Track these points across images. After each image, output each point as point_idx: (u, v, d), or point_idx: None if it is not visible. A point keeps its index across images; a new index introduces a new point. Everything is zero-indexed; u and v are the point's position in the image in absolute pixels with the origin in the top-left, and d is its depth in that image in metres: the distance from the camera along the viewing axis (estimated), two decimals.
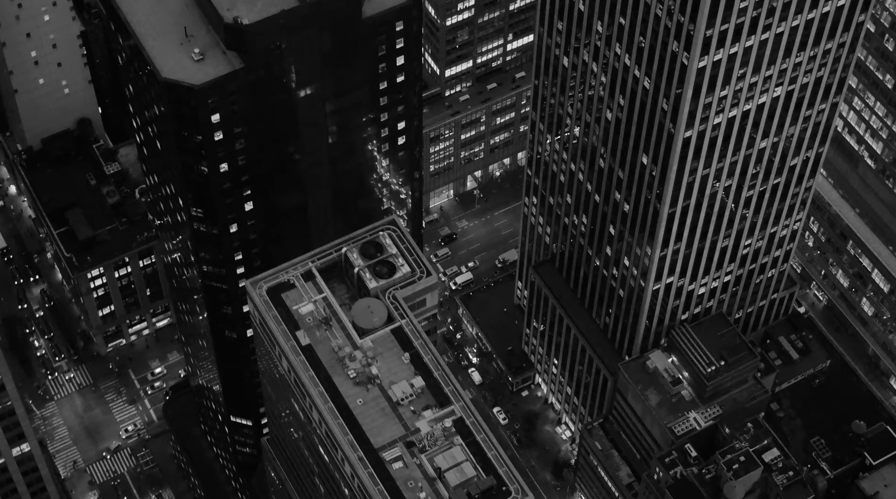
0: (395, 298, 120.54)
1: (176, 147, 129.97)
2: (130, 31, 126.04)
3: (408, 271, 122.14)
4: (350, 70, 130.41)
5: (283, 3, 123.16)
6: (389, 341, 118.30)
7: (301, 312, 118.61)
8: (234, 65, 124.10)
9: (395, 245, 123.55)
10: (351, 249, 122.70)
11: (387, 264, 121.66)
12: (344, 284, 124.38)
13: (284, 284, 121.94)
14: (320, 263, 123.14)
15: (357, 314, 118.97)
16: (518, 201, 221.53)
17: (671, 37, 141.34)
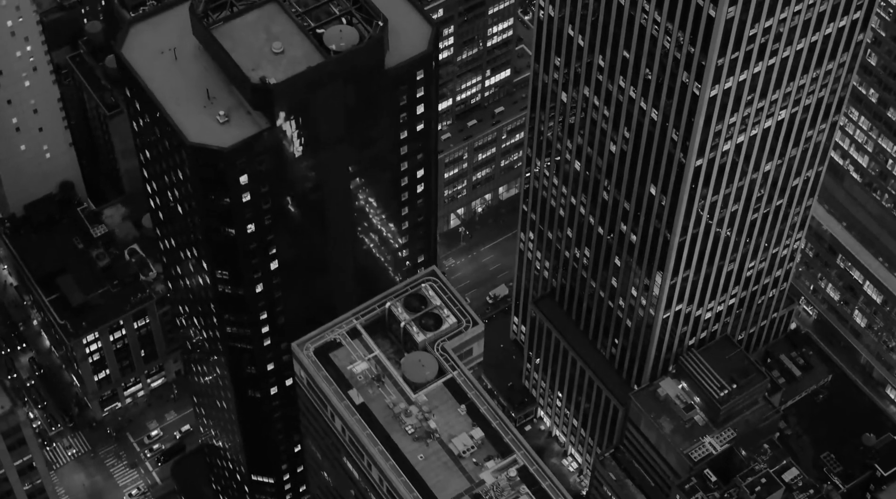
0: (444, 349, 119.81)
1: (202, 210, 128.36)
2: (151, 97, 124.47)
3: (454, 322, 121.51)
4: (372, 122, 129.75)
5: (308, 60, 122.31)
6: (443, 394, 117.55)
7: (355, 371, 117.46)
8: (261, 124, 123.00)
9: (438, 296, 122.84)
10: (395, 304, 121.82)
11: (433, 316, 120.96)
12: (388, 338, 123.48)
13: (331, 343, 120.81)
14: (364, 320, 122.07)
15: (408, 369, 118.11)
16: (503, 236, 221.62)
17: (680, 68, 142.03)
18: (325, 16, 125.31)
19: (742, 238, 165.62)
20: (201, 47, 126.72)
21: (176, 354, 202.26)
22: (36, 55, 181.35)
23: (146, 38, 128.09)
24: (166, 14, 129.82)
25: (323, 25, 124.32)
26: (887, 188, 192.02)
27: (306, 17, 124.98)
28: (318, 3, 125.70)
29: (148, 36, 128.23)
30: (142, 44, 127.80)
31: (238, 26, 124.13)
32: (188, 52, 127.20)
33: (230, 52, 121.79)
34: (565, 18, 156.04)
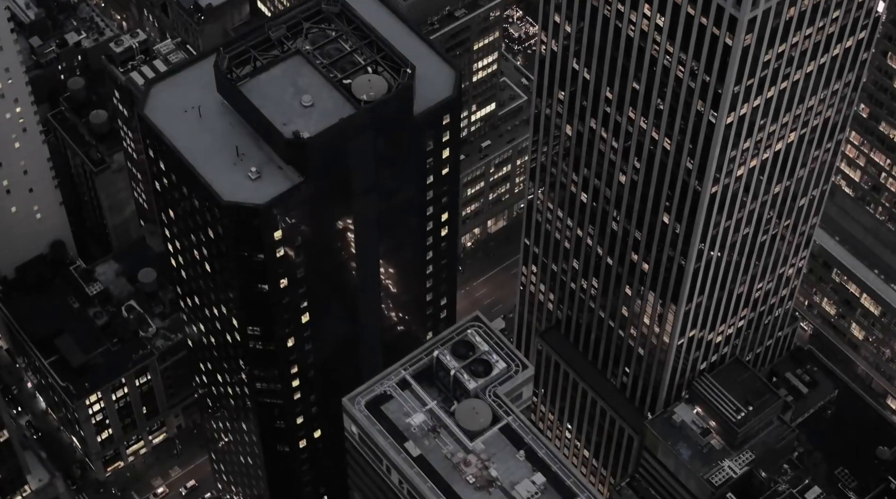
0: (496, 395, 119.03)
1: (235, 268, 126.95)
2: (179, 157, 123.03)
3: (504, 367, 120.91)
4: (401, 169, 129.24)
5: (339, 111, 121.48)
6: (500, 441, 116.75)
7: (413, 423, 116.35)
8: (293, 179, 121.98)
9: (485, 341, 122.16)
10: (442, 352, 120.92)
11: (482, 363, 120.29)
12: (435, 387, 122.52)
13: (381, 395, 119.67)
14: (413, 370, 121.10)
15: (463, 417, 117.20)
16: (495, 269, 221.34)
17: (695, 97, 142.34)
18: (350, 66, 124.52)
19: (752, 260, 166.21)
20: (226, 104, 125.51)
21: (177, 408, 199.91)
22: (25, 116, 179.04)
23: (168, 97, 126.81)
24: (186, 72, 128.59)
25: (350, 76, 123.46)
26: (881, 201, 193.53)
27: (332, 69, 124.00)
28: (342, 53, 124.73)
29: (169, 95, 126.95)
30: (164, 104, 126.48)
31: (265, 81, 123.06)
32: (212, 110, 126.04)
33: (260, 108, 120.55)
34: (570, 53, 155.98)
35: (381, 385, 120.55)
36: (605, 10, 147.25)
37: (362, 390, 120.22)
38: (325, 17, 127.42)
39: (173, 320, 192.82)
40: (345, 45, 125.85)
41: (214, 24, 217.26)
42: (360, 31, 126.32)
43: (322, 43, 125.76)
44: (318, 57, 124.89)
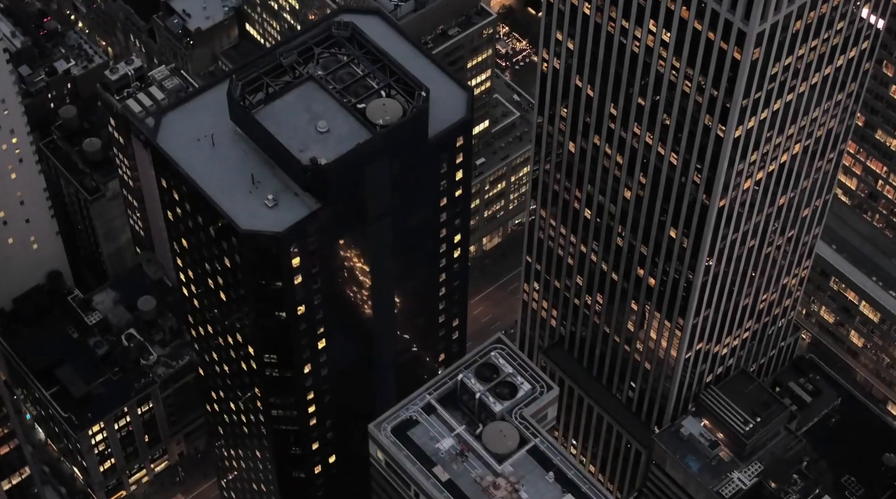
0: (522, 417, 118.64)
1: (253, 296, 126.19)
2: (194, 186, 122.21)
3: (529, 388, 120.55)
4: (416, 192, 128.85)
5: (355, 137, 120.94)
6: (529, 463, 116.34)
7: (442, 448, 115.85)
8: (311, 205, 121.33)
9: (509, 363, 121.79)
10: (467, 375, 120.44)
11: (507, 385, 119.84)
12: (459, 410, 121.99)
13: (407, 421, 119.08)
14: (437, 395, 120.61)
15: (490, 440, 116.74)
16: (491, 287, 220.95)
17: (702, 111, 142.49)
18: (364, 90, 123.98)
19: (757, 272, 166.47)
20: (239, 131, 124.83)
21: (179, 435, 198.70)
22: (22, 146, 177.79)
23: (179, 126, 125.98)
24: (196, 101, 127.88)
25: (363, 100, 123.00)
26: (878, 208, 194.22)
27: (345, 94, 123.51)
28: (355, 78, 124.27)
29: (181, 125, 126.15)
30: (176, 133, 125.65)
31: (279, 108, 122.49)
32: (225, 138, 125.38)
33: (275, 135, 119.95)
34: (572, 70, 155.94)
35: (406, 410, 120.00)
36: (609, 27, 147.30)
37: (388, 416, 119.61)
38: (336, 41, 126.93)
39: (173, 347, 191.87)
40: (357, 69, 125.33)
41: (203, 48, 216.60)
42: (371, 55, 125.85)
43: (334, 68, 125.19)
44: (332, 82, 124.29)
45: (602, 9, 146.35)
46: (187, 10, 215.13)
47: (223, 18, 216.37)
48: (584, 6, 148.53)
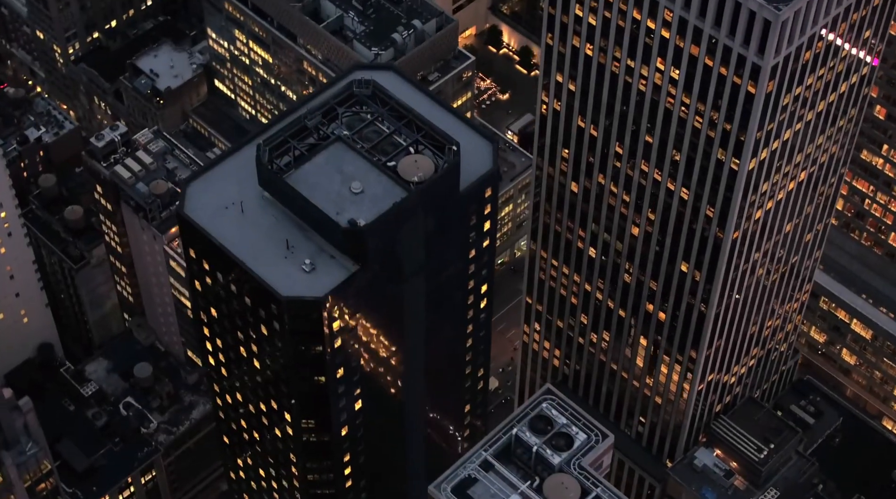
0: (581, 467, 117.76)
1: (292, 362, 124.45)
2: (228, 255, 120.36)
3: (584, 438, 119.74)
4: (447, 246, 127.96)
5: (390, 196, 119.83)
6: None
7: None
8: (349, 268, 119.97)
9: (562, 413, 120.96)
10: (521, 429, 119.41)
11: (562, 436, 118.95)
12: (514, 464, 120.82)
13: (466, 480, 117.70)
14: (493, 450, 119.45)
15: (552, 494, 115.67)
16: None
17: (715, 145, 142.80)
18: (392, 148, 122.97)
19: (765, 299, 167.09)
20: (267, 196, 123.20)
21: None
22: (10, 220, 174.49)
23: (205, 195, 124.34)
24: (219, 169, 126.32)
25: (393, 158, 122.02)
26: (866, 227, 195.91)
27: (374, 152, 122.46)
28: (382, 136, 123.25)
29: (207, 193, 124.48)
30: (203, 202, 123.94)
31: (310, 171, 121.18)
32: (253, 204, 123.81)
33: (310, 199, 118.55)
34: (574, 111, 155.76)
35: (464, 469, 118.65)
36: (613, 67, 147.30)
37: (446, 476, 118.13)
38: (359, 99, 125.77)
39: (172, 413, 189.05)
40: (383, 126, 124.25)
41: (174, 107, 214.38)
42: (395, 111, 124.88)
43: (360, 127, 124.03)
44: (359, 141, 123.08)
45: (606, 49, 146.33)
46: (155, 69, 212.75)
47: (192, 76, 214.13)
48: (587, 48, 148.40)
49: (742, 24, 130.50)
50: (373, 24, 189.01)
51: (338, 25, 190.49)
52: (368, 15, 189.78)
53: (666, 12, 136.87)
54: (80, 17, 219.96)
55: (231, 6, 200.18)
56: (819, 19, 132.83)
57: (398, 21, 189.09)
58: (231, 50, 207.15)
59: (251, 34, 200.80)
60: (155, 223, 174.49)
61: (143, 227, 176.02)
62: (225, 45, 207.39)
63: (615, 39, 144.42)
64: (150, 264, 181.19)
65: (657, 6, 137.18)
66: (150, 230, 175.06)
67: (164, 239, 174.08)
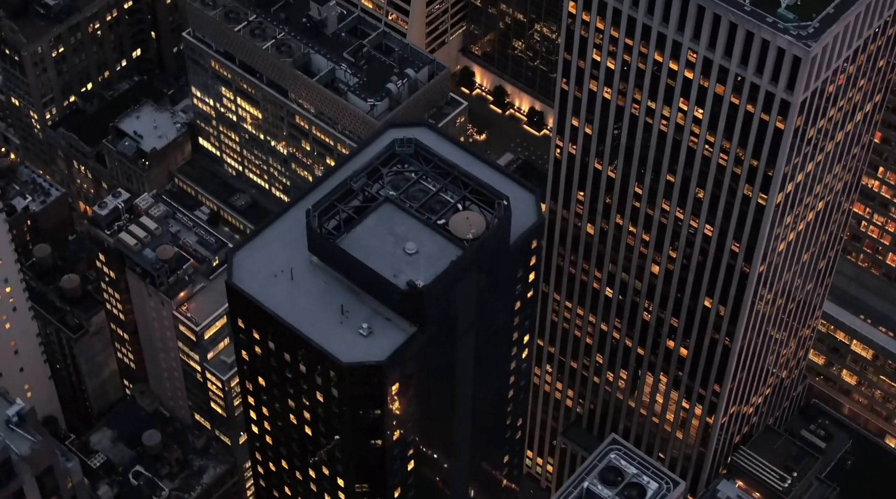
0: None
1: (350, 427, 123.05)
2: (282, 323, 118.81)
3: (656, 486, 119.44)
4: (496, 300, 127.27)
5: (444, 255, 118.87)
6: None
7: None
8: (406, 329, 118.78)
9: (630, 464, 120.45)
10: (592, 482, 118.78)
11: (634, 487, 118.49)
12: None
13: None
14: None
15: None
16: None
17: (741, 181, 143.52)
18: (440, 206, 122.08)
19: (782, 328, 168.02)
20: (315, 261, 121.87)
21: None
22: (16, 295, 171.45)
23: (252, 264, 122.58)
24: (263, 237, 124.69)
25: (442, 216, 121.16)
26: (863, 249, 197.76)
27: (423, 211, 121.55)
28: (429, 194, 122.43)
29: (253, 262, 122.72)
30: (250, 271, 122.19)
31: (361, 234, 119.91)
32: (301, 270, 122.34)
33: (365, 262, 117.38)
34: (590, 154, 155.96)
35: None
36: (633, 109, 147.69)
37: None
38: (402, 158, 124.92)
39: (183, 479, 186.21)
40: (428, 184, 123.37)
41: (159, 168, 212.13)
42: (439, 168, 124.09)
43: (406, 186, 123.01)
44: (407, 201, 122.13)
45: (625, 92, 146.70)
46: (138, 131, 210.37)
47: (176, 135, 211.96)
48: (604, 91, 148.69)
49: (770, 61, 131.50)
50: (365, 75, 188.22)
51: (330, 78, 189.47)
52: (361, 66, 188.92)
53: (689, 53, 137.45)
54: (57, 82, 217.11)
55: (217, 64, 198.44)
56: (842, 52, 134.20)
57: (391, 71, 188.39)
58: (217, 107, 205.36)
59: (239, 91, 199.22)
60: (163, 289, 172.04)
61: (149, 293, 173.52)
62: (210, 102, 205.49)
63: (635, 82, 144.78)
64: (157, 330, 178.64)
65: (680, 48, 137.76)
66: (157, 296, 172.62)
67: (172, 304, 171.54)
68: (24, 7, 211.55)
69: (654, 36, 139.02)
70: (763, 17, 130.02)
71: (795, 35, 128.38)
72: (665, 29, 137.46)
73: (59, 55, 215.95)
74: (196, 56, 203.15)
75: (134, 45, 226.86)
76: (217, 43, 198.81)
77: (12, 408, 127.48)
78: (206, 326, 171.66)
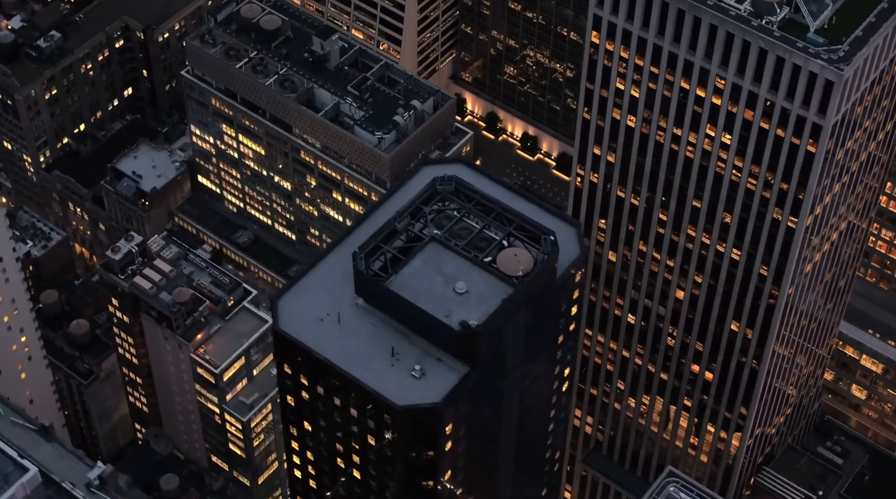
0: None
1: (403, 470, 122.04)
2: (333, 367, 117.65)
3: None
4: (542, 334, 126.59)
5: (495, 293, 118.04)
6: None
7: None
8: (459, 370, 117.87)
9: (689, 495, 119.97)
10: None
11: None
12: None
13: None
14: None
15: None
16: None
17: (770, 205, 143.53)
18: (485, 243, 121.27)
19: (804, 347, 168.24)
20: (360, 303, 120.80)
21: None
22: (31, 345, 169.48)
23: (298, 308, 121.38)
24: (306, 280, 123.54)
25: (489, 253, 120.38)
26: (871, 264, 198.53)
27: (470, 249, 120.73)
28: (473, 232, 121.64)
29: (299, 306, 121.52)
30: (296, 316, 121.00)
31: (409, 275, 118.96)
32: (347, 312, 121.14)
33: (416, 303, 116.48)
34: (613, 182, 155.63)
35: None
36: (657, 136, 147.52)
37: None
38: (443, 196, 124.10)
39: None
40: (471, 222, 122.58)
41: (160, 208, 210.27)
42: (481, 205, 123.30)
43: (449, 225, 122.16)
44: (452, 239, 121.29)
45: (650, 120, 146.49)
46: (137, 171, 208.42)
47: (176, 174, 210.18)
48: (628, 119, 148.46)
49: (802, 85, 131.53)
50: (371, 108, 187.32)
51: (335, 112, 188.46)
52: (366, 100, 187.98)
53: (717, 80, 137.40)
54: (51, 124, 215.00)
55: (218, 101, 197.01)
56: (870, 74, 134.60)
57: (396, 103, 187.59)
58: (217, 144, 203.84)
59: (241, 127, 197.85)
60: (180, 332, 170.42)
61: (166, 336, 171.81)
62: (210, 139, 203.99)
63: (661, 109, 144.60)
64: (173, 373, 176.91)
65: (707, 75, 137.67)
66: (174, 339, 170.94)
67: (190, 347, 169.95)
68: (16, 50, 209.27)
69: (680, 63, 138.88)
70: (793, 42, 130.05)
71: (827, 59, 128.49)
72: (692, 56, 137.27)
73: (52, 97, 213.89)
74: (196, 94, 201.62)
75: (125, 84, 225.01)
76: (218, 80, 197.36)
77: (93, 471, 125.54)
78: (224, 368, 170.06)
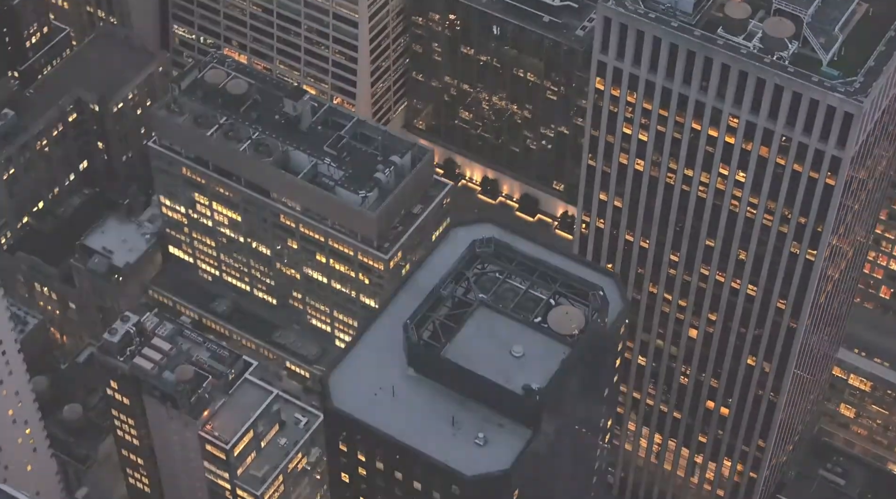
0: None
1: None
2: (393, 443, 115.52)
3: None
4: (594, 389, 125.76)
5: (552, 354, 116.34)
6: None
7: None
8: (522, 434, 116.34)
9: None
10: None
11: None
12: None
13: None
14: None
15: None
16: None
17: (787, 240, 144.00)
18: (532, 304, 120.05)
19: (813, 374, 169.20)
20: (411, 374, 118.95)
21: None
22: (35, 436, 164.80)
23: (349, 385, 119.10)
24: (353, 355, 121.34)
25: (538, 314, 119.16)
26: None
27: (519, 311, 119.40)
28: (519, 293, 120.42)
29: (349, 382, 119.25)
30: (348, 392, 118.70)
31: (463, 342, 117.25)
32: (399, 384, 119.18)
33: (474, 371, 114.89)
34: (620, 227, 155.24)
35: None
36: (667, 178, 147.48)
37: None
38: (483, 259, 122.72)
39: None
40: (515, 282, 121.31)
41: (133, 282, 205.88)
42: (523, 265, 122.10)
43: (493, 288, 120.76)
44: (498, 301, 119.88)
45: (659, 163, 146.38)
46: (107, 246, 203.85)
47: (147, 246, 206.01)
48: (636, 163, 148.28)
49: (819, 119, 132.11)
50: (350, 167, 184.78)
51: (313, 174, 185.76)
52: (343, 159, 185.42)
53: (730, 119, 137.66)
54: (10, 205, 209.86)
55: (189, 170, 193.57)
56: (882, 103, 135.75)
57: (374, 160, 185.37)
58: (189, 213, 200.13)
59: (214, 195, 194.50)
60: (185, 410, 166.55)
61: (171, 416, 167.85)
62: (182, 209, 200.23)
63: (670, 152, 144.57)
64: (179, 452, 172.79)
65: (720, 114, 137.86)
66: (180, 418, 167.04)
67: (197, 425, 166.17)
68: None
69: (691, 104, 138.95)
70: (808, 76, 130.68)
71: (844, 92, 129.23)
72: (703, 97, 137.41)
73: (11, 177, 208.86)
74: (164, 164, 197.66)
75: (80, 158, 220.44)
76: (187, 149, 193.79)
77: None
78: (234, 443, 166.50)
